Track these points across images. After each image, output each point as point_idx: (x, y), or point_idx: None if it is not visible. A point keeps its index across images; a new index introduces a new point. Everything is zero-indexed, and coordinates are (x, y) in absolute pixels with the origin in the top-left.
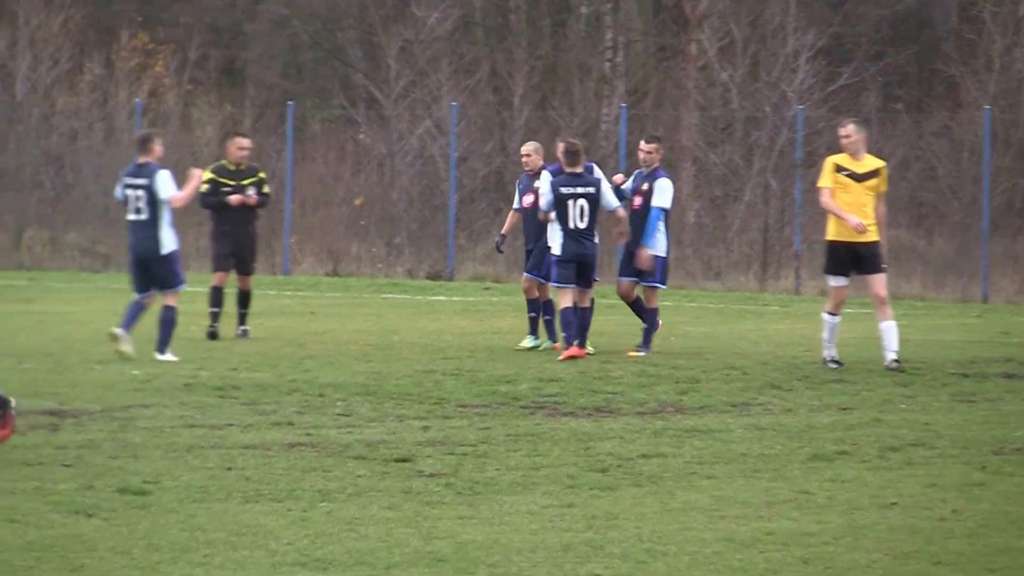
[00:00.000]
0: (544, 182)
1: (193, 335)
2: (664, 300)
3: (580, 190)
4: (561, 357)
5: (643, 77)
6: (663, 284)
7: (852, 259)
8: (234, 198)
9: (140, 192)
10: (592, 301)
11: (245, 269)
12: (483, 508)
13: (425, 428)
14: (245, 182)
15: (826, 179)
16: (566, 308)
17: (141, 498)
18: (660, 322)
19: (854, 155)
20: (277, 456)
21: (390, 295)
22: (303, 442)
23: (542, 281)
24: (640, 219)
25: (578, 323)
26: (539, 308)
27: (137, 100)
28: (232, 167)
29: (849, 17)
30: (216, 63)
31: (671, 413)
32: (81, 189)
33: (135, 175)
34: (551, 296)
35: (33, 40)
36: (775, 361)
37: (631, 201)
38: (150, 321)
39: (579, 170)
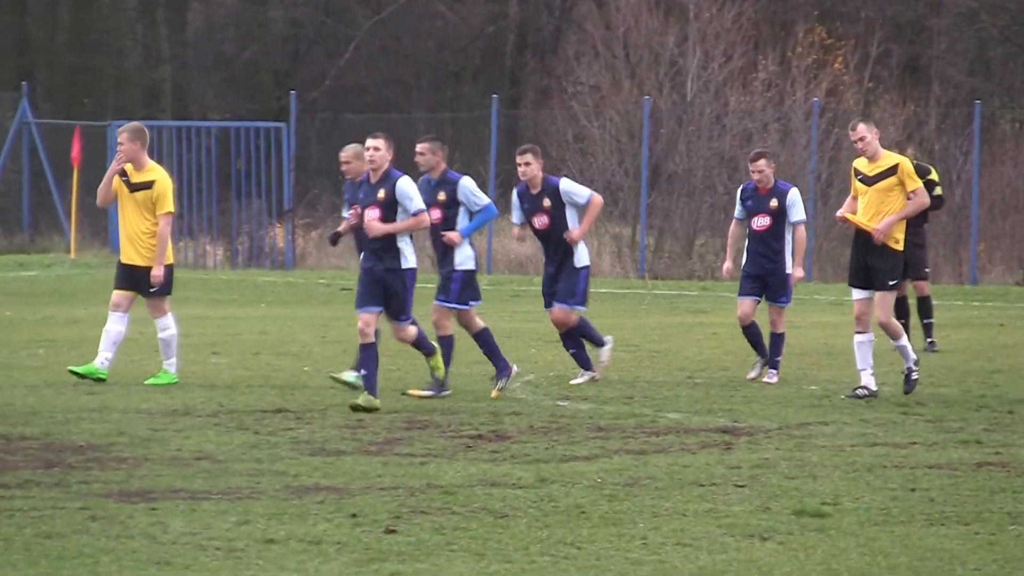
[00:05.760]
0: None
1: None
2: None
3: None
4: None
5: None
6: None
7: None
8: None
9: None
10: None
11: (917, 275)
12: None
13: None
14: None
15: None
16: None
17: (819, 520)
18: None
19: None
20: (964, 476)
21: None
22: (991, 461)
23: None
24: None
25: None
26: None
27: (814, 100)
28: None
29: None
30: (898, 60)
31: None
32: None
33: None
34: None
35: (704, 36)
36: None
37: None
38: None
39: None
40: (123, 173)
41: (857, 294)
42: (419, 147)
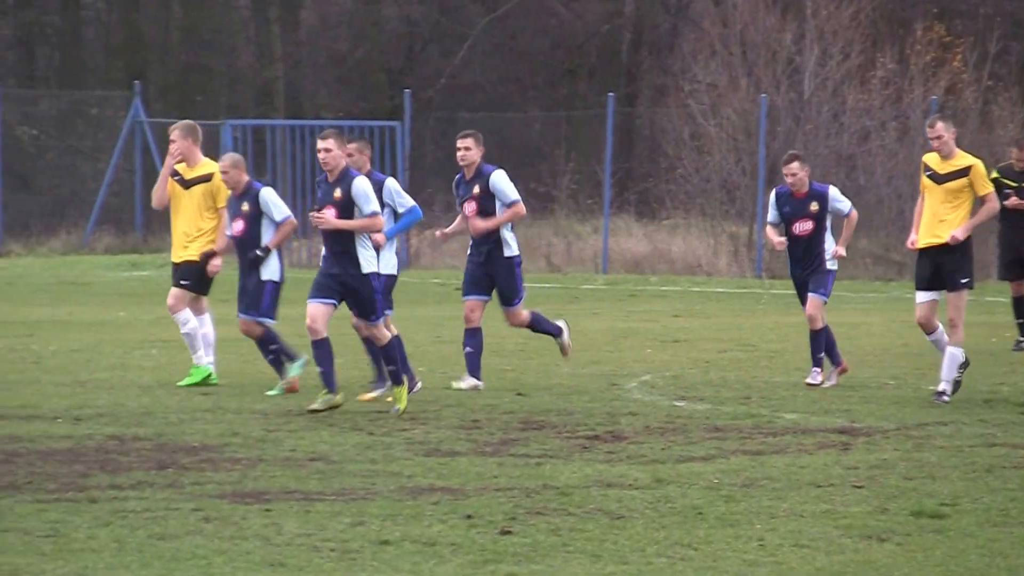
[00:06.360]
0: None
1: (993, 348)
2: None
3: None
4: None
5: None
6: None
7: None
8: (1011, 201)
9: None
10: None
11: None
12: None
13: None
14: None
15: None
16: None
17: (938, 521)
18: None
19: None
20: None
21: None
22: None
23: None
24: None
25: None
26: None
27: (932, 98)
28: (1018, 168)
29: None
30: (1018, 57)
31: None
32: (874, 192)
33: None
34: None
35: (822, 33)
36: None
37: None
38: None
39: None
40: (175, 173)
41: (922, 296)
42: (348, 147)
